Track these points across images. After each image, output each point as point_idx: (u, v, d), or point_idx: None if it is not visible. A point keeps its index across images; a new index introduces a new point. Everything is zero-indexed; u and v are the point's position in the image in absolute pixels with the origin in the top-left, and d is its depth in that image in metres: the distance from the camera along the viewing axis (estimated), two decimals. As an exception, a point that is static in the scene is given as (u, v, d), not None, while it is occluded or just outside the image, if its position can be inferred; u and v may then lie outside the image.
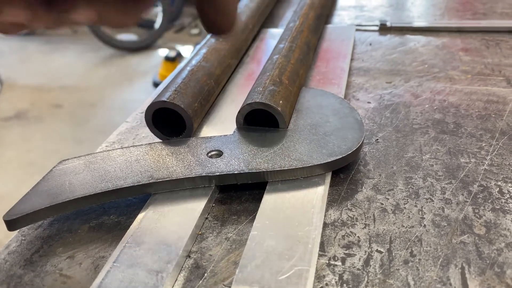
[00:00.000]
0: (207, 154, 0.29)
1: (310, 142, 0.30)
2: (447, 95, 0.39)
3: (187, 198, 0.27)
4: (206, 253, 0.24)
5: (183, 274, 0.23)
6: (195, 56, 0.39)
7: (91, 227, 0.27)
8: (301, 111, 0.33)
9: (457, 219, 0.26)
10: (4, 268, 0.24)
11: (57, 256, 0.25)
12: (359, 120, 0.32)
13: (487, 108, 0.37)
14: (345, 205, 0.27)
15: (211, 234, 0.26)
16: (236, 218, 0.27)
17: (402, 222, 0.26)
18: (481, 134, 0.33)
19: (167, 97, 0.32)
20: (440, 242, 0.24)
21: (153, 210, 0.26)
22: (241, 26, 0.46)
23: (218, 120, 0.36)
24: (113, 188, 0.27)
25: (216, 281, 0.23)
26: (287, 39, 0.41)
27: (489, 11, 0.59)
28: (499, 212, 0.26)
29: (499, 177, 0.29)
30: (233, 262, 0.24)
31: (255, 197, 0.28)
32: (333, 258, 0.24)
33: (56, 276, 0.24)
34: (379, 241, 0.25)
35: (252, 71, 0.43)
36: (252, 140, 0.31)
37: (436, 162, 0.31)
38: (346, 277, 0.22)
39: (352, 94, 0.40)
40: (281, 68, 0.36)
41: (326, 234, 0.25)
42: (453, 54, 0.47)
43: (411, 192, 0.28)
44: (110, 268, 0.22)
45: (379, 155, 0.32)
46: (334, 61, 0.44)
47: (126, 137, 0.36)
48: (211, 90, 0.36)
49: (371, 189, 0.29)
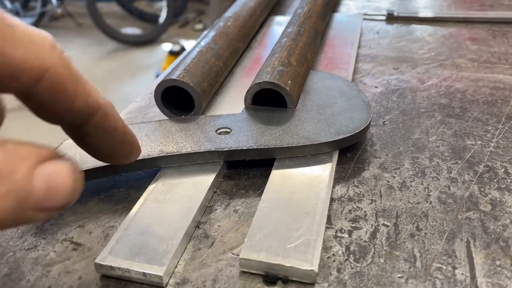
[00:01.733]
0: (216, 131, 0.30)
1: (318, 121, 0.30)
2: (453, 81, 0.39)
3: (196, 172, 0.28)
4: (215, 224, 0.25)
5: (192, 243, 0.23)
6: (204, 38, 0.39)
7: (100, 199, 0.27)
8: (309, 93, 0.34)
9: (463, 197, 0.26)
10: (16, 235, 0.25)
11: (68, 225, 0.25)
12: (366, 102, 0.32)
13: (494, 94, 0.37)
14: (352, 182, 0.28)
15: (220, 207, 0.26)
16: (244, 193, 0.27)
17: (408, 198, 0.26)
18: (487, 118, 0.34)
19: (176, 76, 0.32)
20: (446, 218, 0.25)
21: (162, 182, 0.27)
22: (249, 12, 0.47)
23: (227, 101, 0.36)
24: (123, 161, 0.27)
25: (225, 250, 0.23)
26: (296, 23, 0.41)
27: (496, 2, 0.59)
28: (505, 191, 0.26)
29: (505, 158, 0.29)
30: (241, 232, 0.24)
31: (262, 173, 0.29)
32: (340, 231, 0.24)
33: (67, 243, 0.24)
34: (386, 216, 0.25)
35: (259, 56, 0.44)
36: (261, 119, 0.31)
37: (443, 144, 0.31)
38: (352, 248, 0.23)
39: (359, 79, 0.40)
40: (289, 50, 0.36)
41: (333, 208, 0.26)
42: (459, 43, 0.47)
43: (418, 171, 0.28)
44: (121, 235, 0.23)
45: (386, 136, 0.32)
46: (341, 47, 0.44)
47: (135, 115, 0.36)
48: (220, 71, 0.36)
49: (378, 167, 0.29)
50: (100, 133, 0.19)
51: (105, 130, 0.19)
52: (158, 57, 2.39)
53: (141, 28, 2.68)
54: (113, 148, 0.21)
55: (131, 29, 2.66)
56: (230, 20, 0.43)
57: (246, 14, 0.46)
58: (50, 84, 0.16)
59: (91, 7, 2.38)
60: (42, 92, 0.16)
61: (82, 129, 0.19)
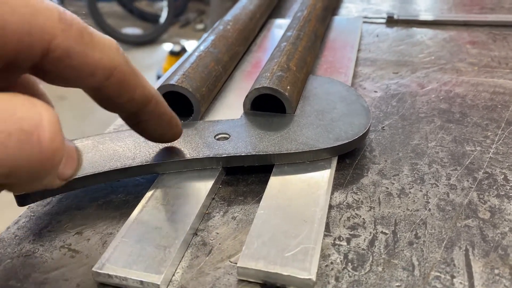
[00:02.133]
0: (214, 137, 0.30)
1: (316, 127, 0.30)
2: (453, 86, 0.39)
3: (194, 178, 0.27)
4: (213, 231, 0.25)
5: (190, 251, 0.23)
6: (203, 42, 0.39)
7: (99, 205, 0.27)
8: (308, 98, 0.34)
9: (462, 204, 0.26)
10: (14, 242, 0.25)
11: (66, 231, 0.25)
12: (366, 107, 0.32)
13: (494, 99, 0.37)
14: (351, 189, 0.28)
15: (218, 214, 0.26)
16: (243, 199, 0.27)
17: (407, 205, 0.26)
18: (486, 123, 0.34)
19: (175, 81, 0.32)
20: (445, 225, 0.24)
21: (161, 188, 0.27)
22: (249, 15, 0.47)
23: (225, 106, 0.36)
24: (121, 167, 0.27)
25: (223, 258, 0.23)
26: (295, 27, 0.41)
27: (497, 6, 0.59)
28: (504, 198, 0.26)
29: (504, 165, 0.29)
30: (239, 240, 0.24)
31: (261, 179, 0.28)
32: (338, 238, 0.24)
33: (65, 250, 0.24)
34: (384, 223, 0.25)
35: (259, 59, 0.43)
36: (259, 124, 0.31)
37: (442, 150, 0.31)
38: (351, 256, 0.23)
39: (358, 83, 0.40)
40: (288, 55, 0.36)
41: (331, 216, 0.25)
42: (460, 46, 0.47)
43: (417, 177, 0.28)
44: (119, 242, 0.23)
45: (385, 142, 0.32)
46: (341, 51, 0.44)
47: (133, 120, 0.36)
48: (219, 76, 0.36)
49: (377, 174, 0.29)
50: (153, 118, 0.23)
51: (157, 115, 0.23)
52: (158, 57, 2.39)
53: (142, 28, 2.67)
54: (163, 129, 0.25)
55: (131, 29, 2.65)
56: (229, 24, 0.43)
57: (246, 17, 0.46)
58: (117, 79, 0.20)
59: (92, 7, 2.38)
60: (109, 86, 0.20)
61: (138, 116, 0.23)
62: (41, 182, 0.17)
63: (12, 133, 0.14)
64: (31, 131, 0.15)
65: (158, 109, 0.23)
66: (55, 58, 0.17)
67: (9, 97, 0.15)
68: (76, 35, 0.18)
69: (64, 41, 0.17)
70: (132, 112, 0.22)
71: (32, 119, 0.15)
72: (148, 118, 0.23)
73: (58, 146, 0.16)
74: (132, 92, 0.21)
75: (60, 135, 0.16)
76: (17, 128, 0.14)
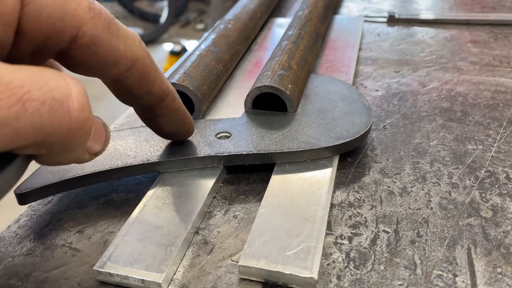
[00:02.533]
0: (215, 136, 0.30)
1: (318, 126, 0.30)
2: (455, 84, 0.39)
3: (196, 177, 0.27)
4: (214, 230, 0.25)
5: (192, 249, 0.23)
6: (204, 41, 0.39)
7: (100, 203, 0.27)
8: (309, 96, 0.34)
9: (464, 203, 0.26)
10: (15, 241, 0.25)
11: (67, 230, 0.25)
12: (367, 106, 0.32)
13: (495, 98, 0.37)
14: (352, 188, 0.27)
15: (219, 212, 0.26)
16: (244, 198, 0.27)
17: (409, 204, 0.26)
18: (488, 122, 0.34)
19: (176, 79, 0.32)
20: (447, 224, 0.24)
21: (162, 187, 0.27)
22: (250, 14, 0.47)
23: (226, 104, 0.36)
24: (122, 166, 0.27)
25: (224, 256, 0.23)
26: (296, 26, 0.41)
27: (498, 5, 0.58)
28: (506, 197, 0.26)
29: (506, 163, 0.29)
30: (241, 239, 0.24)
31: (262, 178, 0.28)
32: (340, 237, 0.24)
33: (66, 249, 0.24)
34: (386, 222, 0.25)
35: (260, 59, 0.43)
36: (261, 123, 0.31)
37: (444, 148, 0.31)
38: (353, 255, 0.23)
39: (360, 82, 0.40)
40: (290, 53, 0.36)
41: (333, 214, 0.25)
42: (461, 45, 0.47)
43: (418, 176, 0.28)
44: (120, 241, 0.23)
45: (387, 141, 0.32)
46: (342, 50, 0.44)
47: (134, 119, 0.36)
48: (220, 74, 0.36)
49: (378, 172, 0.29)
50: (168, 113, 0.24)
51: (172, 110, 0.24)
52: (159, 57, 2.39)
53: (142, 28, 2.67)
54: (177, 126, 0.26)
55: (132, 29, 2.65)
56: (230, 23, 0.43)
57: (247, 16, 0.46)
58: (138, 71, 0.20)
59: (92, 7, 2.38)
60: (130, 77, 0.20)
61: (154, 110, 0.23)
62: (71, 155, 0.17)
63: (45, 102, 0.15)
64: (62, 101, 0.15)
65: (174, 105, 0.24)
66: (82, 44, 0.18)
67: (42, 69, 0.15)
68: (103, 24, 0.19)
69: (92, 28, 0.18)
70: (148, 106, 0.23)
71: (63, 90, 0.15)
72: (164, 113, 0.24)
73: (87, 116, 0.16)
74: (150, 85, 0.22)
75: (88, 107, 0.16)
76: (49, 96, 0.15)
